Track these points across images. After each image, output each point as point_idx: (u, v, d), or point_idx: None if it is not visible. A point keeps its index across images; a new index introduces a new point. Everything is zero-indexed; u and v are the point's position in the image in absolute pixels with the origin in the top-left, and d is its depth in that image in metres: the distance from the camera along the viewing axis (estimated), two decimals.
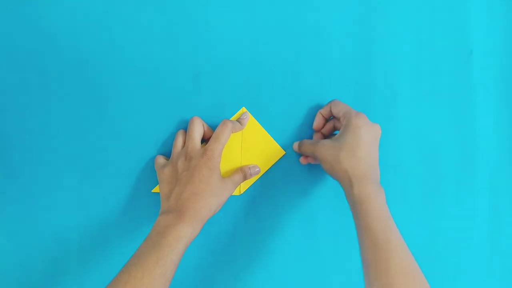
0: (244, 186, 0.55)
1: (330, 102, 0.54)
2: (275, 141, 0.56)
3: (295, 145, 0.56)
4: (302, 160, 0.56)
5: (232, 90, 0.56)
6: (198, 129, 0.51)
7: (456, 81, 0.60)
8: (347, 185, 0.47)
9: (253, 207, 0.56)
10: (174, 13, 0.55)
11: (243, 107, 0.56)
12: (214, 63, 0.56)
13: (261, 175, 0.56)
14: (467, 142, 0.60)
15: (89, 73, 0.54)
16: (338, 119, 0.52)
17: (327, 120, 0.56)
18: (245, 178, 0.53)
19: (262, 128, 0.56)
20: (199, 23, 0.56)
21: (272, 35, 0.57)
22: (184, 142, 0.52)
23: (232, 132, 0.51)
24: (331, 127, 0.55)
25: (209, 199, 0.47)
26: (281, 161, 0.57)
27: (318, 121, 0.55)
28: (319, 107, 0.57)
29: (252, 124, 0.56)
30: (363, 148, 0.47)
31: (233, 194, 0.55)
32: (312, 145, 0.52)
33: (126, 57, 0.54)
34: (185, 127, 0.55)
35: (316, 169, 0.57)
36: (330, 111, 0.54)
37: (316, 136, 0.56)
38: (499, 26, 0.61)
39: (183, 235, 0.44)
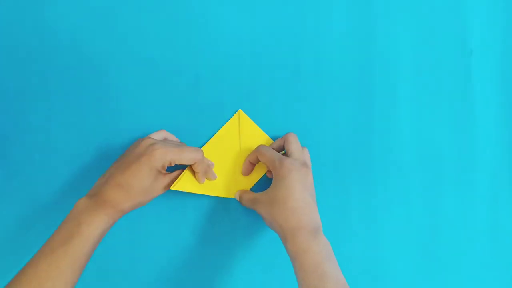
0: (244, 186, 0.55)
1: (255, 149, 0.52)
2: (273, 141, 0.56)
3: (237, 196, 0.53)
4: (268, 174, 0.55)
5: (231, 90, 0.56)
6: (165, 135, 0.52)
7: (456, 81, 0.60)
8: (283, 240, 0.46)
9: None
10: (174, 13, 0.55)
11: (240, 109, 0.55)
12: (214, 63, 0.56)
13: (261, 176, 0.55)
14: (467, 142, 0.60)
15: (89, 73, 0.54)
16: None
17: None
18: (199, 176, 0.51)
19: (260, 129, 0.56)
20: (199, 23, 0.56)
21: (272, 35, 0.57)
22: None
23: (196, 169, 0.49)
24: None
25: (134, 195, 0.46)
26: None
27: (246, 168, 0.54)
28: (319, 107, 0.57)
29: (249, 126, 0.56)
30: (294, 197, 0.45)
31: (232, 197, 0.55)
32: (251, 202, 0.50)
33: (126, 57, 0.54)
34: (185, 127, 0.55)
35: (315, 168, 0.57)
36: (257, 158, 0.52)
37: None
38: (499, 26, 0.61)
39: (97, 225, 0.43)
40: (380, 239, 0.58)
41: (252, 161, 0.53)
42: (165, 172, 0.49)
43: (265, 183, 0.55)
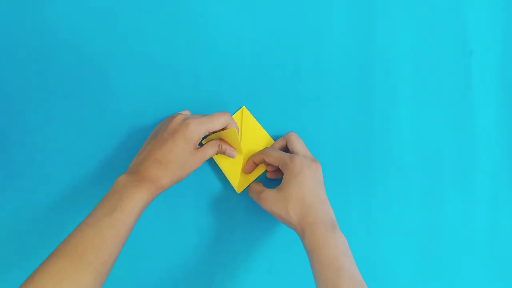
0: (244, 185, 0.55)
1: (261, 151, 0.53)
2: (274, 141, 0.56)
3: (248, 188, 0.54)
4: (268, 175, 0.55)
5: (232, 89, 0.56)
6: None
7: (456, 81, 0.60)
8: (300, 234, 0.46)
9: (252, 206, 0.56)
10: (174, 13, 0.55)
11: (243, 106, 0.56)
12: (214, 63, 0.56)
13: (260, 174, 0.56)
14: (467, 142, 0.60)
15: (89, 73, 0.54)
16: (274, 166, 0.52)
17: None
18: (218, 152, 0.52)
19: (262, 127, 0.56)
20: (199, 23, 0.56)
21: (272, 34, 0.57)
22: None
23: (227, 127, 0.50)
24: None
25: (173, 171, 0.46)
26: None
27: (249, 167, 0.54)
28: (319, 107, 0.57)
29: (251, 123, 0.56)
30: (309, 194, 0.46)
31: (236, 191, 0.55)
32: (259, 198, 0.50)
33: (126, 57, 0.55)
34: None
35: None
36: (264, 160, 0.52)
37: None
38: (499, 26, 0.61)
39: (138, 199, 0.44)
40: (380, 239, 0.58)
41: (256, 162, 0.54)
42: (199, 146, 0.50)
43: (265, 185, 0.55)
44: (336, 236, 0.45)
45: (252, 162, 0.54)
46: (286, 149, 0.54)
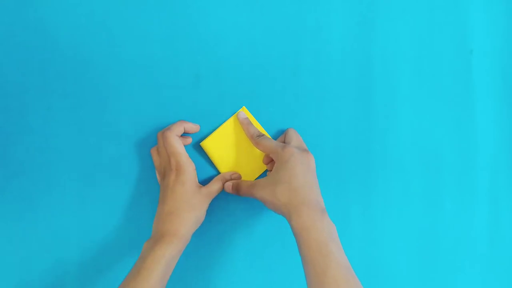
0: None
1: (255, 140, 0.52)
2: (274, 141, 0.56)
3: (229, 187, 0.53)
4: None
5: (232, 90, 0.56)
6: (173, 142, 0.49)
7: (456, 81, 0.60)
8: (287, 217, 0.46)
9: (253, 206, 0.56)
10: (174, 13, 0.55)
11: (244, 106, 0.56)
12: (214, 63, 0.56)
13: (260, 174, 0.56)
14: (467, 142, 0.60)
15: (89, 73, 0.54)
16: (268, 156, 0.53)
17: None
18: (223, 187, 0.53)
19: (262, 128, 0.56)
20: (199, 23, 0.56)
21: (272, 35, 0.57)
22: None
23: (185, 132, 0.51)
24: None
25: (186, 215, 0.48)
26: None
27: (267, 158, 0.54)
28: (319, 107, 0.57)
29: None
30: (298, 178, 0.46)
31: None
32: (250, 187, 0.50)
33: (126, 57, 0.55)
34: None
35: None
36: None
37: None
38: (499, 26, 0.61)
39: (161, 255, 0.44)
40: (380, 239, 0.58)
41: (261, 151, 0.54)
42: (201, 185, 0.51)
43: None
44: (324, 220, 0.44)
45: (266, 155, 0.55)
46: None
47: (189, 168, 0.49)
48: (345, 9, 0.58)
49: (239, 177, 0.54)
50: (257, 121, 0.56)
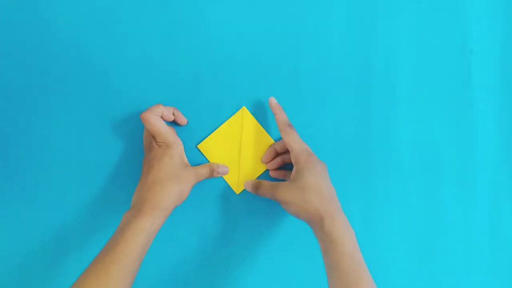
0: (242, 185, 0.55)
1: (285, 138, 0.52)
2: (274, 141, 0.56)
3: (249, 185, 0.53)
4: (272, 173, 0.55)
5: (232, 90, 0.56)
6: (154, 122, 0.48)
7: (456, 81, 0.60)
8: (317, 223, 0.46)
9: (252, 206, 0.56)
10: (174, 13, 0.55)
11: (244, 106, 0.56)
12: (214, 63, 0.56)
13: (260, 174, 0.55)
14: (467, 142, 0.60)
15: (89, 73, 0.54)
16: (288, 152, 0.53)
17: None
18: (210, 174, 0.53)
19: (262, 127, 0.56)
20: (199, 23, 0.56)
21: (272, 35, 0.57)
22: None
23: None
24: (281, 161, 0.55)
25: (170, 186, 0.46)
26: None
27: (268, 155, 0.55)
28: (319, 107, 0.57)
29: (251, 123, 0.56)
30: (326, 185, 0.48)
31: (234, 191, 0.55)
32: (272, 188, 0.50)
33: (126, 57, 0.55)
34: (186, 127, 0.55)
35: None
36: (285, 147, 0.53)
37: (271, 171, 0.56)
38: (499, 26, 0.61)
39: (141, 228, 0.43)
40: (380, 239, 0.58)
41: (278, 150, 0.54)
42: (189, 164, 0.52)
43: None
44: (353, 233, 0.46)
45: (274, 149, 0.54)
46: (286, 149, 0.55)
47: (176, 143, 0.49)
48: (345, 9, 0.58)
49: (227, 171, 0.54)
50: (257, 121, 0.56)
